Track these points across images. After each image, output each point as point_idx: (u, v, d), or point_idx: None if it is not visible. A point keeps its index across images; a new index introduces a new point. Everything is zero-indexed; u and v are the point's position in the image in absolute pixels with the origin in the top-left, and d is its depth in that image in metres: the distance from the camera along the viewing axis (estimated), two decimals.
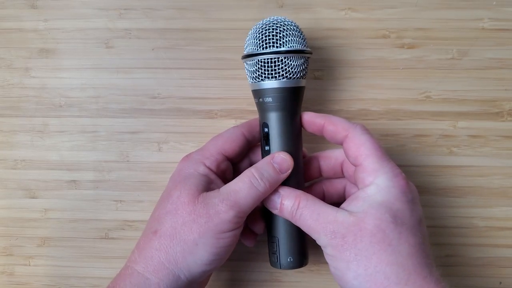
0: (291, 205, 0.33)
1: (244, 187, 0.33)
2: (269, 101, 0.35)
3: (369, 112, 0.42)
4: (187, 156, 0.37)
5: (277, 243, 0.36)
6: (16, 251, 0.45)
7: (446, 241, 0.43)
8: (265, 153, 0.36)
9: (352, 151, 0.34)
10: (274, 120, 0.36)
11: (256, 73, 0.35)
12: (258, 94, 0.36)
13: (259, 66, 0.35)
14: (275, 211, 0.35)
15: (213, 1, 0.42)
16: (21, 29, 0.44)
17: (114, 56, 0.43)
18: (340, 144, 0.36)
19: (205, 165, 0.36)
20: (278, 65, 0.35)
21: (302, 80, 0.36)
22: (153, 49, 0.43)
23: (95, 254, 0.45)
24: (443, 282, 0.31)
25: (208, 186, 0.35)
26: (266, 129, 0.36)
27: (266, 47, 0.35)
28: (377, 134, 0.43)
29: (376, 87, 0.42)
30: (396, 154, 0.43)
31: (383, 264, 0.30)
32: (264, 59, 0.35)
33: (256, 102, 0.37)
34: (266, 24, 0.35)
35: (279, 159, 0.35)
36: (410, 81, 0.42)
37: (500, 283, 0.43)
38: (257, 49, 0.35)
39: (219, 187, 0.34)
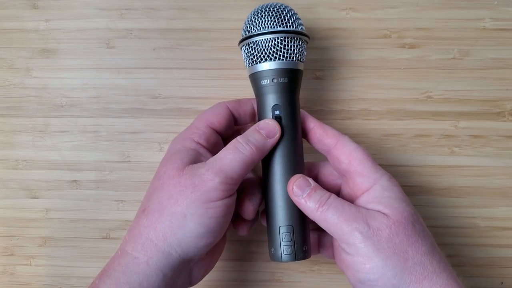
0: (321, 196, 0.32)
1: (229, 153, 0.33)
2: (284, 81, 0.35)
3: (370, 112, 0.42)
4: (176, 136, 0.37)
5: (291, 232, 0.34)
6: (18, 251, 0.45)
7: (447, 241, 0.43)
8: None
9: (345, 156, 0.34)
10: (287, 102, 0.35)
11: (269, 51, 0.34)
12: (270, 74, 0.35)
13: (276, 43, 0.34)
14: (297, 198, 0.33)
15: (214, 1, 0.42)
16: (22, 29, 0.44)
17: (115, 56, 0.43)
18: (324, 150, 0.36)
19: (193, 140, 0.35)
20: (296, 45, 0.35)
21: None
22: (154, 49, 0.43)
23: (96, 254, 0.45)
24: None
25: (196, 159, 0.34)
26: (277, 111, 0.35)
27: (287, 26, 0.34)
28: (378, 134, 0.43)
29: (377, 87, 0.42)
30: (397, 154, 0.43)
31: (419, 255, 0.30)
32: (286, 37, 0.34)
33: (263, 85, 0.35)
34: (275, 7, 0.35)
35: (264, 125, 0.34)
36: (411, 81, 0.42)
37: (502, 283, 0.43)
38: (276, 27, 0.34)
39: None
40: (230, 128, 0.38)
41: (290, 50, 0.34)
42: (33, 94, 0.44)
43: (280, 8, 0.35)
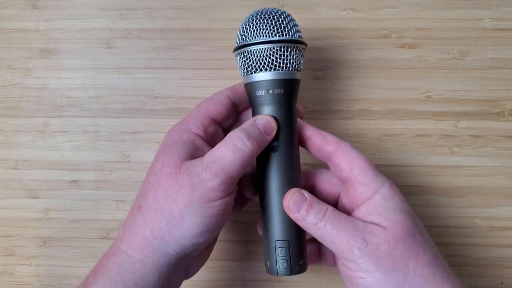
0: (317, 212, 0.31)
1: (228, 151, 0.31)
2: (280, 92, 0.33)
3: (370, 112, 0.42)
4: (173, 126, 0.36)
5: (287, 247, 0.34)
6: (18, 251, 0.45)
7: (447, 241, 0.43)
8: (271, 150, 0.34)
9: (347, 163, 0.33)
10: (284, 113, 0.34)
11: (264, 61, 0.33)
12: (266, 85, 0.33)
13: (272, 53, 0.33)
14: (294, 215, 0.32)
15: (214, 1, 0.42)
16: (22, 29, 0.44)
17: (115, 56, 0.43)
18: (324, 157, 0.35)
19: (191, 131, 0.34)
20: (293, 54, 0.33)
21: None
22: (154, 49, 0.43)
23: (96, 254, 0.45)
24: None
25: (193, 153, 0.33)
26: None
27: (283, 34, 0.33)
28: (378, 134, 0.43)
29: (377, 87, 0.42)
30: (397, 154, 0.43)
31: (420, 267, 0.30)
32: (282, 46, 0.33)
33: (258, 95, 0.34)
34: (271, 12, 0.33)
35: (262, 122, 0.33)
36: (411, 81, 0.42)
37: (502, 283, 0.43)
38: (272, 35, 0.33)
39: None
40: (231, 117, 0.37)
41: (287, 59, 0.33)
42: (33, 94, 0.44)
43: (277, 15, 0.33)
